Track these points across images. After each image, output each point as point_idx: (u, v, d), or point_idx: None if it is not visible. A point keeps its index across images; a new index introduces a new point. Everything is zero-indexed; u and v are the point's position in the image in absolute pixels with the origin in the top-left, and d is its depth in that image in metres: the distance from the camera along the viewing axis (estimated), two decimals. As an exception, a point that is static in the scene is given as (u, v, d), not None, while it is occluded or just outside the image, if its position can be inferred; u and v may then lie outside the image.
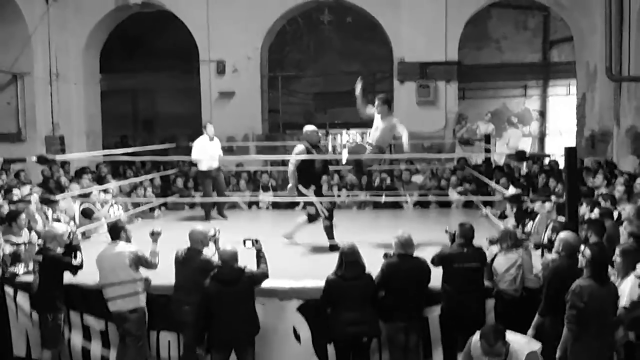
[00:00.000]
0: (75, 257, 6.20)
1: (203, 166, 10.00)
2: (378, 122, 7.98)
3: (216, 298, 5.52)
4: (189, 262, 5.89)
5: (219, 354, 5.68)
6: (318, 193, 7.97)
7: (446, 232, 6.28)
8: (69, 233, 6.36)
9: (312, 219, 7.94)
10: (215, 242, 6.13)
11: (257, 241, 6.02)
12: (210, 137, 10.04)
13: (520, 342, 4.57)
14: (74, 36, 13.93)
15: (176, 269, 6.00)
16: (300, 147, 7.91)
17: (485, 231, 7.60)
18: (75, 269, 6.19)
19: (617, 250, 5.22)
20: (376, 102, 8.02)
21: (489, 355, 4.45)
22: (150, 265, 6.08)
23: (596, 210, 6.66)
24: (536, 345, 4.63)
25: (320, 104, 17.78)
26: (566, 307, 4.92)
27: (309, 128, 8.12)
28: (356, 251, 5.69)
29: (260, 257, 5.96)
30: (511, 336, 4.56)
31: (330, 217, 7.81)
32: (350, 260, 5.64)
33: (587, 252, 4.97)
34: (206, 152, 9.95)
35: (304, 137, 8.04)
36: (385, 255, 5.96)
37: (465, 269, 5.78)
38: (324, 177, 9.72)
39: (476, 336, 4.60)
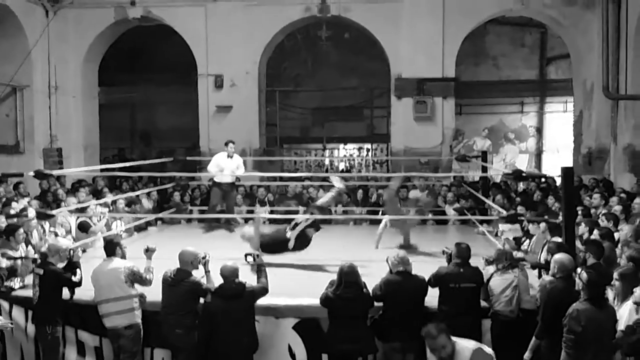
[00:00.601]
0: (75, 274, 6.20)
1: (217, 177, 10.37)
2: None
3: (218, 313, 5.54)
4: (178, 284, 5.80)
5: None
6: None
7: (443, 253, 6.29)
8: (70, 249, 6.35)
9: None
10: (205, 264, 6.02)
11: (258, 256, 6.09)
12: (229, 154, 10.34)
13: (469, 341, 4.58)
14: (73, 49, 13.97)
15: (163, 290, 5.90)
16: None
17: (481, 248, 7.60)
18: (74, 286, 6.19)
19: (616, 274, 5.17)
20: None
21: (435, 352, 4.51)
22: (144, 281, 6.04)
23: (596, 232, 6.57)
24: (488, 349, 4.62)
25: (318, 119, 17.82)
26: (564, 331, 4.91)
27: None
28: (355, 271, 5.70)
29: (260, 271, 5.98)
30: (461, 340, 4.58)
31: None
32: (349, 280, 5.64)
33: (584, 275, 4.95)
34: (219, 167, 10.28)
35: None
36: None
37: (462, 289, 5.78)
38: None
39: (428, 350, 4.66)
